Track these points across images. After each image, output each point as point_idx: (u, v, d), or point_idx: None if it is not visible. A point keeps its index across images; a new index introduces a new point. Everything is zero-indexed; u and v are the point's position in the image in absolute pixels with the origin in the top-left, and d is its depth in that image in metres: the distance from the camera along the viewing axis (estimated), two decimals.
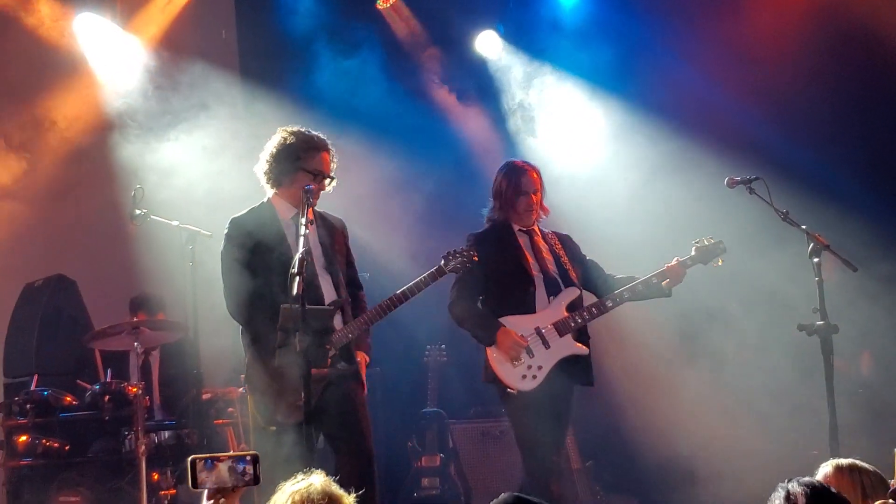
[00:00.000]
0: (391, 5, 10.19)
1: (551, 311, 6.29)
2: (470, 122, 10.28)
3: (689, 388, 8.68)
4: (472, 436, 9.28)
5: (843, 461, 3.87)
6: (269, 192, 6.02)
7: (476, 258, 6.21)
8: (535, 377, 6.19)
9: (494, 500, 2.53)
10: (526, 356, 6.20)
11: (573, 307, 6.32)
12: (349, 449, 5.76)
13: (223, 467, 2.92)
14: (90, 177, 9.27)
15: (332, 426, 5.75)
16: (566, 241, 6.64)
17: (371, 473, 5.76)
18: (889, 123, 9.25)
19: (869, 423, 7.85)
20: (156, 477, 7.49)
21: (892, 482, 3.45)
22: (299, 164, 5.89)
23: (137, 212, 6.95)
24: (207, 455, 2.95)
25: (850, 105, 9.34)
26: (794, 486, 3.20)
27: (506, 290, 6.35)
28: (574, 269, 6.46)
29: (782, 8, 9.60)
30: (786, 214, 6.07)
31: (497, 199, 6.53)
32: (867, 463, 3.86)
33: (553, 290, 6.34)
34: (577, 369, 6.33)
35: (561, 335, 6.24)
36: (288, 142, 5.93)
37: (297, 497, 3.08)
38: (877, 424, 7.88)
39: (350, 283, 6.13)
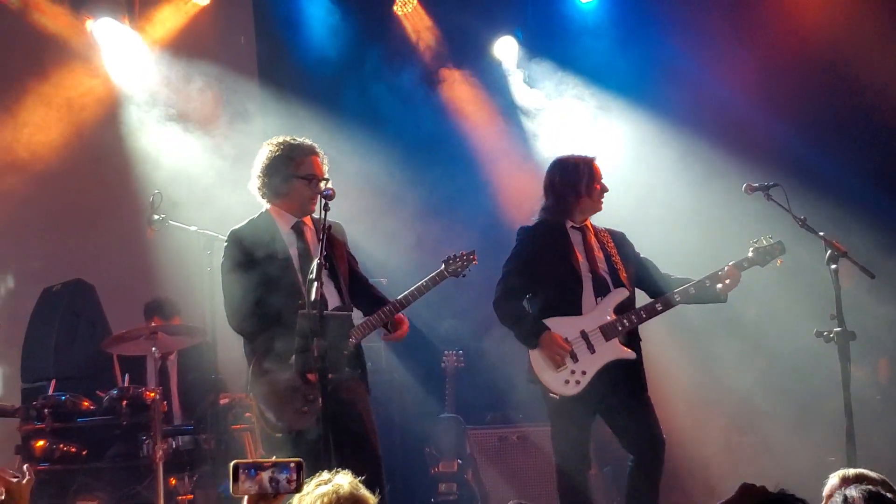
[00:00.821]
0: (411, 11, 10.21)
1: (598, 313, 6.18)
2: (483, 124, 10.25)
3: (704, 394, 8.66)
4: (489, 442, 9.26)
5: (850, 471, 3.87)
6: (266, 205, 6.04)
7: (476, 261, 6.22)
8: (578, 382, 6.10)
9: None
10: (570, 361, 6.10)
11: (622, 309, 6.20)
12: (357, 454, 5.74)
13: (265, 476, 2.90)
14: (108, 182, 9.30)
15: (338, 432, 5.74)
16: (619, 239, 6.49)
17: (380, 478, 5.78)
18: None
19: (886, 430, 7.83)
20: (173, 482, 7.49)
21: None
22: (292, 172, 5.91)
23: (156, 217, 6.97)
24: (251, 462, 2.93)
25: (871, 113, 9.30)
26: (852, 491, 3.22)
27: (553, 290, 6.25)
28: (626, 269, 6.31)
29: (803, 13, 9.57)
30: (804, 221, 6.04)
31: (559, 194, 6.37)
32: (879, 471, 3.85)
33: (601, 291, 6.22)
34: (626, 373, 6.19)
35: (607, 339, 6.13)
36: (277, 153, 5.94)
37: (325, 500, 3.08)
38: (892, 430, 7.87)
39: (358, 282, 6.15)
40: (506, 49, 10.18)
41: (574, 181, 6.34)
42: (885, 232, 8.50)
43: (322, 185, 5.87)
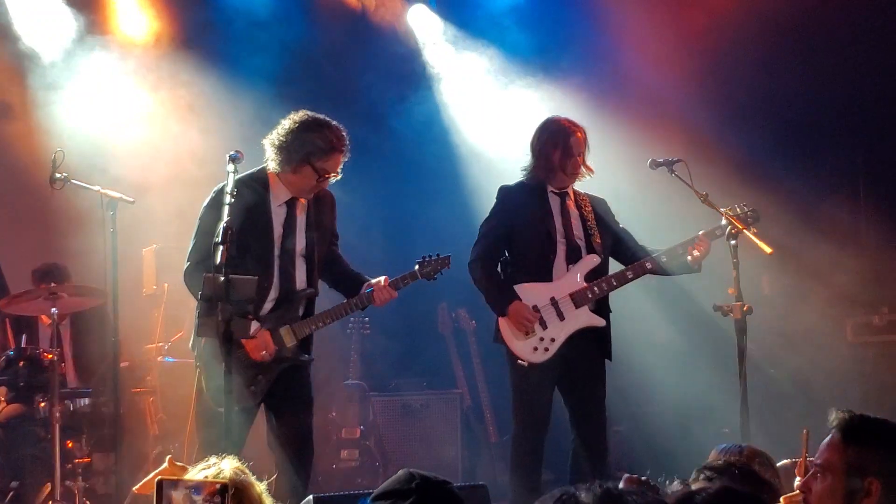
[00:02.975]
0: None
1: (569, 280, 6.18)
2: (401, 93, 10.10)
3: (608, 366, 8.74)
4: (392, 408, 9.29)
5: (725, 445, 3.96)
6: (272, 165, 5.81)
7: (449, 265, 6.10)
8: (546, 349, 6.13)
9: (392, 477, 2.56)
10: (539, 328, 6.12)
11: (593, 276, 6.20)
12: (294, 421, 5.83)
13: (177, 495, 2.83)
14: (9, 138, 9.08)
15: (286, 397, 5.82)
16: (598, 205, 6.44)
17: (311, 445, 5.92)
18: (818, 110, 9.37)
19: (779, 403, 8.02)
20: (70, 444, 7.43)
21: (798, 460, 3.51)
22: (310, 158, 5.71)
23: (57, 175, 6.82)
24: (174, 479, 2.88)
25: (780, 90, 9.42)
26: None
27: (526, 254, 6.24)
28: (601, 235, 6.29)
29: None
30: (706, 197, 6.14)
31: (538, 157, 6.30)
32: (770, 441, 3.94)
33: (574, 258, 6.22)
34: (594, 341, 6.23)
35: (577, 306, 6.14)
36: (308, 130, 5.73)
37: None
38: (786, 404, 8.07)
39: (330, 257, 6.06)
40: (419, 17, 10.06)
41: (549, 151, 6.28)
42: (786, 209, 8.67)
43: (332, 179, 5.79)
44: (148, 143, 8.72)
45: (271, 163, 5.81)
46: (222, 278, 4.90)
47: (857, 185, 9.45)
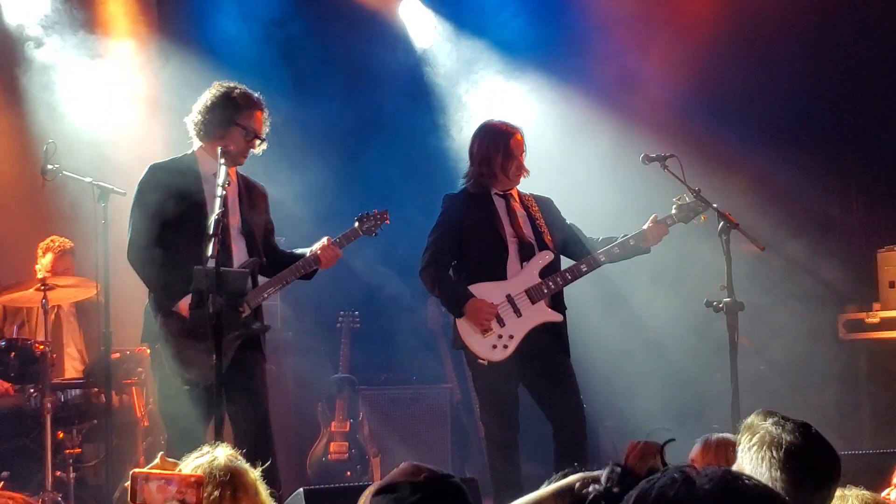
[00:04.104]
0: None
1: (523, 277, 6.19)
2: (390, 85, 10.09)
3: (597, 362, 8.78)
4: (381, 402, 9.30)
5: (713, 436, 3.96)
6: (196, 144, 5.96)
7: (388, 220, 6.17)
8: (506, 347, 6.13)
9: (396, 470, 2.56)
10: (496, 325, 6.12)
11: (547, 272, 6.22)
12: (247, 410, 5.78)
13: (151, 486, 2.84)
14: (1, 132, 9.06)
15: (238, 386, 5.76)
16: (544, 204, 6.49)
17: (266, 433, 5.83)
18: (810, 108, 9.38)
19: (770, 399, 8.04)
20: (61, 435, 7.44)
21: None
22: (235, 119, 5.84)
23: (49, 167, 6.81)
24: (147, 471, 2.89)
25: (772, 86, 9.43)
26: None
27: (478, 256, 6.26)
28: (551, 233, 6.33)
29: None
30: (698, 192, 6.14)
31: (479, 163, 6.35)
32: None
33: (527, 255, 6.24)
34: (553, 337, 6.24)
35: (533, 302, 6.16)
36: (226, 95, 5.87)
37: (199, 471, 3.07)
38: (776, 401, 8.09)
39: (271, 251, 6.12)
40: (409, 10, 10.04)
41: (490, 155, 6.32)
42: (778, 206, 8.70)
43: (258, 144, 5.88)
44: (144, 141, 8.71)
45: (196, 139, 5.94)
46: (212, 269, 4.90)
47: (849, 183, 9.49)
